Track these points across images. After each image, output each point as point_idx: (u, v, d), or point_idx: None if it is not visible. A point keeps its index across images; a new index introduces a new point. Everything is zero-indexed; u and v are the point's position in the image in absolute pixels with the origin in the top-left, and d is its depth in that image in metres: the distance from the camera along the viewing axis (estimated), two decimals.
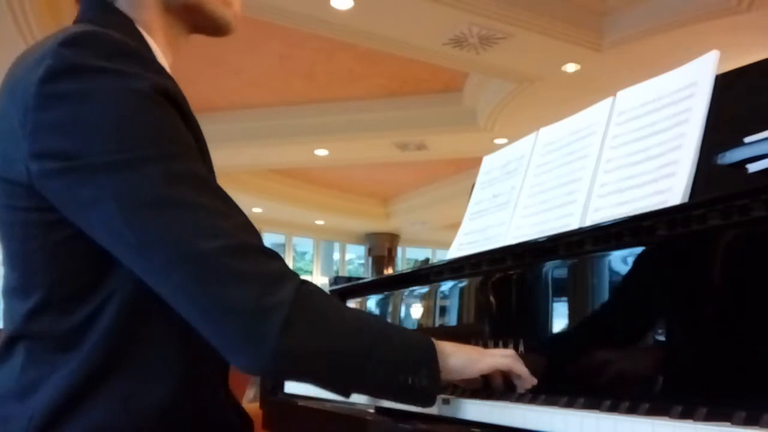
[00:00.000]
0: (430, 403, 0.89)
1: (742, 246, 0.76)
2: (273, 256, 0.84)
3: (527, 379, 0.93)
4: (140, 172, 0.78)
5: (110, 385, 0.83)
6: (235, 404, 1.03)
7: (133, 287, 0.83)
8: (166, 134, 0.82)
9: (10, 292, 0.88)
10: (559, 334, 0.97)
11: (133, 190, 0.78)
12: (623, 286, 0.90)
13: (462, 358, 0.91)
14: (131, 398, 0.84)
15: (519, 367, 0.93)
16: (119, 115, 0.79)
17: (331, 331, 0.83)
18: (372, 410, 1.12)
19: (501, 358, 0.94)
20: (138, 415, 0.84)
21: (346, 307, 0.90)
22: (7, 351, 0.87)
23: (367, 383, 0.88)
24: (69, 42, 0.81)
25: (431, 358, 0.88)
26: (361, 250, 13.46)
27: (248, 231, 0.84)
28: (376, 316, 0.91)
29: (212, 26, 1.04)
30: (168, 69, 0.97)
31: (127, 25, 0.94)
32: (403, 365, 0.86)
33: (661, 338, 0.83)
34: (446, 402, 0.96)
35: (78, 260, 0.84)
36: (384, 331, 0.88)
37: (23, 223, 0.84)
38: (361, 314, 0.91)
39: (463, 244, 1.40)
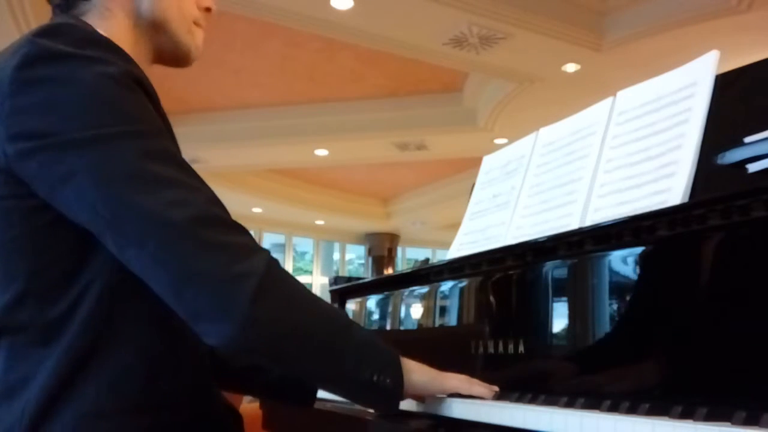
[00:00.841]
0: (391, 406, 0.90)
1: (742, 246, 0.76)
2: (243, 231, 0.86)
3: (488, 396, 0.95)
4: (112, 146, 0.81)
5: (96, 371, 0.84)
6: (223, 399, 1.04)
7: (111, 274, 0.85)
8: (135, 113, 0.85)
9: None
10: (559, 334, 0.97)
11: (105, 164, 0.80)
12: (623, 286, 0.90)
13: (425, 376, 0.94)
14: (116, 381, 0.85)
15: (477, 390, 0.95)
16: (91, 95, 0.82)
17: (303, 309, 0.85)
18: (372, 410, 1.12)
19: (460, 382, 0.96)
20: (124, 398, 0.85)
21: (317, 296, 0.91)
22: None
23: (333, 371, 0.88)
24: (43, 32, 0.85)
25: (396, 363, 0.90)
26: (361, 250, 13.45)
27: (218, 205, 0.86)
28: (343, 310, 0.94)
29: (173, 51, 1.05)
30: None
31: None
32: (370, 361, 0.88)
33: (661, 338, 0.83)
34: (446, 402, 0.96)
35: (57, 248, 0.85)
36: (353, 325, 0.90)
37: (2, 211, 0.85)
38: (332, 306, 0.92)
39: (463, 244, 1.40)
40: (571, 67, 5.84)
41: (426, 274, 1.34)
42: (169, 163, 0.84)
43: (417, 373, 0.93)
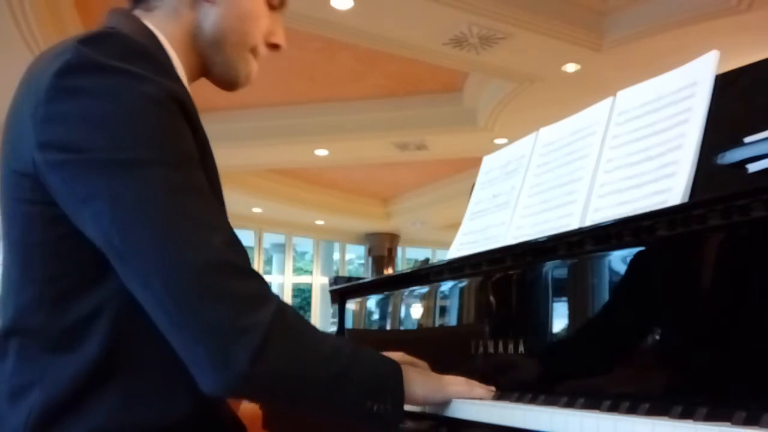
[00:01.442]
0: (392, 429, 0.90)
1: (742, 246, 0.76)
2: (255, 278, 0.83)
3: (488, 397, 0.96)
4: (136, 174, 0.78)
5: (111, 387, 0.83)
6: (230, 412, 1.04)
7: (127, 291, 0.83)
8: (169, 140, 0.82)
9: (7, 286, 0.88)
10: (559, 334, 0.97)
11: (126, 192, 0.78)
12: (623, 286, 0.90)
13: (427, 388, 0.94)
14: (131, 400, 0.84)
15: (478, 393, 0.96)
16: (126, 114, 0.80)
17: (303, 359, 0.83)
18: None
19: (459, 386, 0.97)
20: (136, 417, 0.84)
21: (320, 332, 0.89)
22: (3, 350, 0.86)
23: (334, 409, 0.88)
24: (88, 40, 0.83)
25: (397, 386, 0.90)
26: (361, 250, 13.45)
27: (235, 248, 0.83)
28: (346, 341, 0.93)
29: (222, 73, 1.04)
30: (185, 82, 0.98)
31: (149, 35, 0.95)
32: (370, 393, 0.87)
33: (661, 338, 0.83)
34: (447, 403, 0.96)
35: (75, 258, 0.84)
36: (354, 358, 0.88)
37: (26, 215, 0.85)
38: (334, 341, 0.91)
39: (463, 244, 1.40)
40: (571, 67, 5.84)
41: (426, 274, 1.34)
42: (192, 197, 0.81)
43: (419, 385, 0.93)
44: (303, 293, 13.22)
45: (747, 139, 0.88)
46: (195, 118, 0.88)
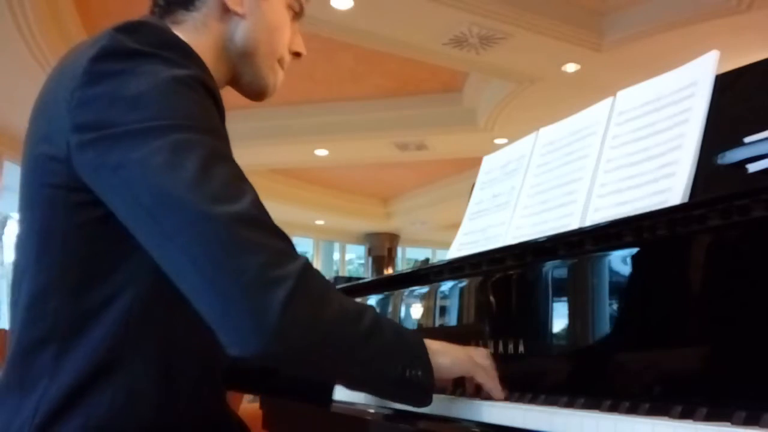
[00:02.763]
0: (426, 399, 0.89)
1: (742, 246, 0.76)
2: (283, 237, 0.83)
3: (496, 394, 0.94)
4: (169, 137, 0.79)
5: (115, 382, 0.83)
6: (232, 412, 1.04)
7: (143, 285, 0.84)
8: (198, 113, 0.84)
9: (21, 270, 0.89)
10: (559, 334, 0.97)
11: (158, 153, 0.78)
12: (623, 286, 0.90)
13: (449, 358, 0.92)
14: (133, 397, 0.84)
15: (493, 386, 0.94)
16: (158, 91, 0.82)
17: (332, 314, 0.81)
18: (372, 410, 1.12)
19: (482, 359, 0.95)
20: (138, 414, 0.84)
21: (344, 294, 0.87)
22: (14, 337, 0.87)
23: (365, 371, 0.86)
24: (124, 28, 0.86)
25: (423, 352, 0.89)
26: (361, 250, 13.45)
27: (262, 209, 0.83)
28: (370, 306, 0.90)
29: (251, 83, 1.05)
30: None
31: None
32: (400, 356, 0.86)
33: (661, 338, 0.83)
34: (446, 402, 0.96)
35: (94, 246, 0.85)
36: (380, 321, 0.87)
37: (52, 200, 0.85)
38: (358, 303, 0.89)
39: (463, 244, 1.40)
40: (571, 67, 5.84)
41: (426, 274, 1.34)
42: (221, 160, 0.82)
43: (442, 355, 0.91)
44: None
45: (747, 139, 0.88)
46: (221, 108, 0.90)
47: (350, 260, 14.08)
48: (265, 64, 1.05)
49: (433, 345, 0.91)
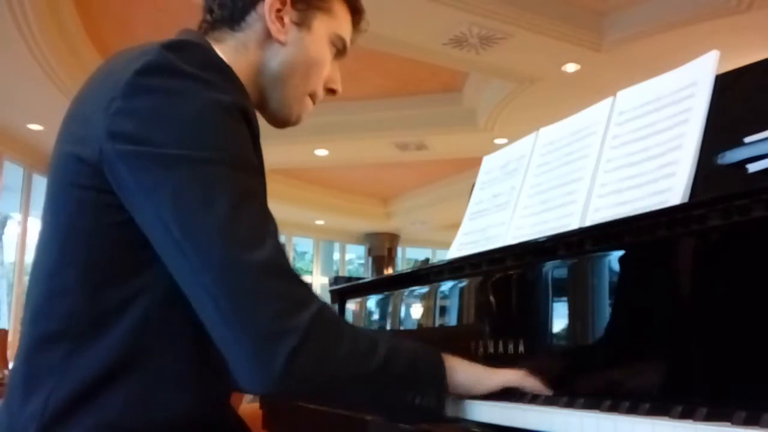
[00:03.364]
0: (437, 420, 0.91)
1: (742, 246, 0.76)
2: (301, 282, 0.86)
3: (542, 392, 0.93)
4: (203, 170, 0.81)
5: (128, 382, 0.84)
6: (233, 412, 1.05)
7: (162, 289, 0.85)
8: (236, 146, 0.86)
9: (41, 268, 0.89)
10: (558, 334, 0.97)
11: (191, 187, 0.80)
12: (623, 286, 0.90)
13: (471, 376, 0.93)
14: (146, 397, 0.84)
15: (531, 384, 0.94)
16: (197, 116, 0.83)
17: (341, 359, 0.84)
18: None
19: (512, 375, 0.95)
20: (149, 414, 0.85)
21: (359, 329, 0.91)
22: (26, 334, 0.87)
23: (374, 404, 0.91)
24: (172, 46, 0.87)
25: (440, 378, 0.90)
26: (361, 250, 13.45)
27: (283, 254, 0.86)
28: (386, 334, 0.93)
29: (276, 109, 1.06)
30: None
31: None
32: (411, 385, 0.88)
33: (661, 338, 0.83)
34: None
35: (118, 248, 0.86)
36: (393, 352, 0.88)
37: (79, 200, 0.86)
38: (373, 336, 0.93)
39: (463, 244, 1.40)
40: (571, 67, 5.84)
41: (426, 274, 1.34)
42: (252, 200, 0.85)
43: (462, 373, 0.93)
44: None
45: (747, 139, 0.88)
46: (257, 134, 0.92)
47: (350, 260, 14.07)
48: (294, 95, 1.05)
49: (453, 363, 0.93)
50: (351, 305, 1.66)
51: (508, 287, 1.11)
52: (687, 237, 0.82)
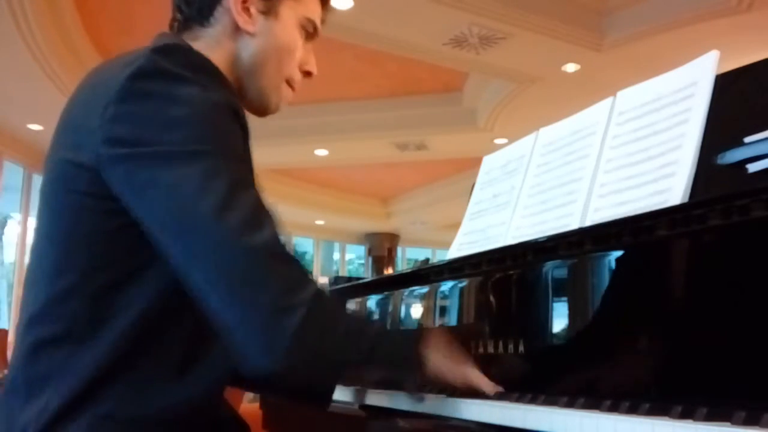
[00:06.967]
0: (411, 381, 0.97)
1: (742, 246, 0.76)
2: (298, 264, 0.88)
3: (490, 392, 0.95)
4: (198, 163, 0.83)
5: (123, 378, 0.85)
6: (233, 412, 1.05)
7: (159, 292, 0.86)
8: (227, 139, 0.88)
9: (38, 274, 0.90)
10: (559, 334, 0.97)
11: (187, 178, 0.82)
12: (623, 286, 0.90)
13: (443, 363, 0.96)
14: (141, 392, 0.86)
15: (483, 384, 0.96)
16: (192, 116, 0.85)
17: (338, 336, 0.88)
18: (372, 410, 1.12)
19: (472, 374, 0.97)
20: (144, 408, 0.86)
21: (350, 314, 0.95)
22: (24, 337, 0.88)
23: (359, 377, 1.02)
24: (162, 50, 0.89)
25: (415, 362, 0.94)
26: (361, 250, 13.44)
27: (278, 238, 0.88)
28: (371, 322, 0.98)
29: (254, 99, 1.07)
30: None
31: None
32: (392, 367, 0.95)
33: (661, 338, 0.83)
34: (446, 401, 0.96)
35: (115, 254, 0.87)
36: (378, 338, 0.94)
37: (78, 206, 0.87)
38: (361, 322, 1.02)
39: (463, 244, 1.40)
40: (571, 67, 5.84)
41: (426, 274, 1.34)
42: (247, 189, 0.87)
43: (435, 352, 0.95)
44: None
45: (747, 139, 0.88)
46: (247, 133, 0.93)
47: (350, 260, 14.07)
48: (270, 83, 1.06)
49: (431, 351, 0.95)
50: (351, 305, 1.66)
51: (508, 287, 1.11)
52: (687, 237, 0.82)
